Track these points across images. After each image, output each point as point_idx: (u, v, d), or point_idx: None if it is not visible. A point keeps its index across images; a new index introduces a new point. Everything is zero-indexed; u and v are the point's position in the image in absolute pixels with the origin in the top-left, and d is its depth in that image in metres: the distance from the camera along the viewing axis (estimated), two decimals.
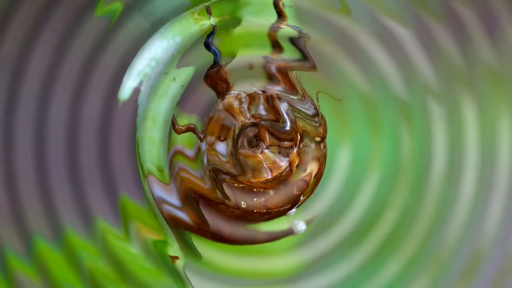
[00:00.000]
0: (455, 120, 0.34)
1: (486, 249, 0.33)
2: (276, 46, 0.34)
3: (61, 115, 0.33)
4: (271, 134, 0.34)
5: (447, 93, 0.34)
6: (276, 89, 0.35)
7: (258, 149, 0.34)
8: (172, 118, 0.34)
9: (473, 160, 0.33)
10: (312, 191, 0.34)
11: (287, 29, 0.34)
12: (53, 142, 0.33)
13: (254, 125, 0.34)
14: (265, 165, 0.34)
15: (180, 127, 0.34)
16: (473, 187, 0.33)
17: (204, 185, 0.34)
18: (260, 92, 0.34)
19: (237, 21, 0.34)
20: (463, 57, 0.33)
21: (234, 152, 0.34)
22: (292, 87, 0.35)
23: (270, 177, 0.34)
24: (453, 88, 0.34)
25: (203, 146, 0.34)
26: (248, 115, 0.34)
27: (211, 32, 0.34)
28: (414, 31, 0.34)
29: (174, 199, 0.34)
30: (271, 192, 0.34)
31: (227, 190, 0.34)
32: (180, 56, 0.34)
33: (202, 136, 0.34)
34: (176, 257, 0.34)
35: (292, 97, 0.35)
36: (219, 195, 0.34)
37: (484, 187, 0.33)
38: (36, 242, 0.33)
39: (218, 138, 0.34)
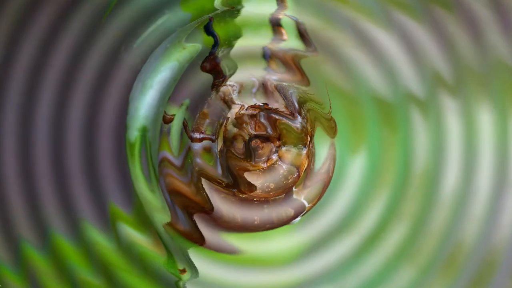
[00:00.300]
0: (468, 117, 0.32)
1: (501, 255, 0.32)
2: (277, 35, 0.31)
3: (49, 116, 0.32)
4: (279, 130, 0.31)
5: (460, 89, 0.32)
6: (273, 78, 0.31)
7: (262, 156, 0.30)
8: (164, 114, 0.31)
9: (487, 162, 0.32)
10: (319, 198, 0.31)
11: (285, 19, 0.31)
12: (40, 144, 0.32)
13: (255, 120, 0.31)
14: (267, 176, 0.31)
15: (169, 116, 0.31)
16: (487, 191, 0.32)
17: (196, 194, 0.31)
18: (260, 84, 0.31)
19: (235, 12, 0.31)
20: (477, 54, 0.32)
21: (224, 150, 0.31)
22: (302, 77, 0.31)
23: (272, 185, 0.31)
24: (467, 84, 0.32)
25: (194, 146, 0.31)
26: (246, 106, 0.31)
27: (208, 23, 0.31)
28: (428, 27, 0.32)
29: (165, 204, 0.32)
30: (273, 201, 0.31)
31: (220, 202, 0.31)
32: (174, 49, 0.31)
33: (193, 135, 0.31)
34: (184, 270, 0.32)
35: (303, 88, 0.31)
36: (214, 206, 0.31)
37: (498, 191, 0.32)
38: (24, 249, 0.32)
39: (211, 136, 0.31)
